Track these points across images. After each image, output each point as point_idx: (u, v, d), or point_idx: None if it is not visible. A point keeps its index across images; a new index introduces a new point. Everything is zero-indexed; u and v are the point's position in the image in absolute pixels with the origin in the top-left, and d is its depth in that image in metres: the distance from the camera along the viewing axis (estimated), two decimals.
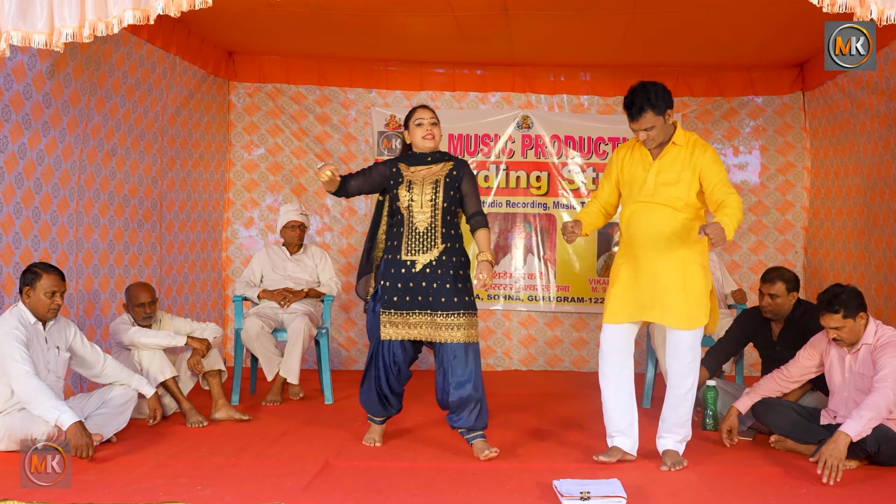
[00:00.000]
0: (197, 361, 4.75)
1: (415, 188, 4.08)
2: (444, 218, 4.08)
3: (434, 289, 4.01)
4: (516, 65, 6.88)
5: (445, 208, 4.08)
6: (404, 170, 4.15)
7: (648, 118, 3.80)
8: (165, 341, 4.69)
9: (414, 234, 4.06)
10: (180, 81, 6.12)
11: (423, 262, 4.04)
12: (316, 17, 5.56)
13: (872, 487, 3.60)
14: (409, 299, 4.04)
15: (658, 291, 3.85)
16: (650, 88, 3.83)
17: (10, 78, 4.33)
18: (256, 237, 7.02)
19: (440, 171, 4.12)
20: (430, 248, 4.04)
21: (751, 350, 5.27)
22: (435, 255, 4.04)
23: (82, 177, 5.04)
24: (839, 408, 4.09)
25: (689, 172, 3.84)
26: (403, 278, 4.04)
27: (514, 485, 3.55)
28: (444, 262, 4.04)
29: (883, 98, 5.42)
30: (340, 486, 3.51)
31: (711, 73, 6.86)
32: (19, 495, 3.24)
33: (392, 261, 4.09)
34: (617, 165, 4.06)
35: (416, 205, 4.06)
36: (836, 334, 3.99)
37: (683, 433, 3.97)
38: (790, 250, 6.89)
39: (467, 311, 4.04)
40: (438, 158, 4.16)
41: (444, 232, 4.07)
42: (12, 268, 4.40)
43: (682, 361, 3.89)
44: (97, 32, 3.60)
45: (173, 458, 3.93)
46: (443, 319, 3.99)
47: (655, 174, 3.87)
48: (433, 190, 4.07)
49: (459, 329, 4.00)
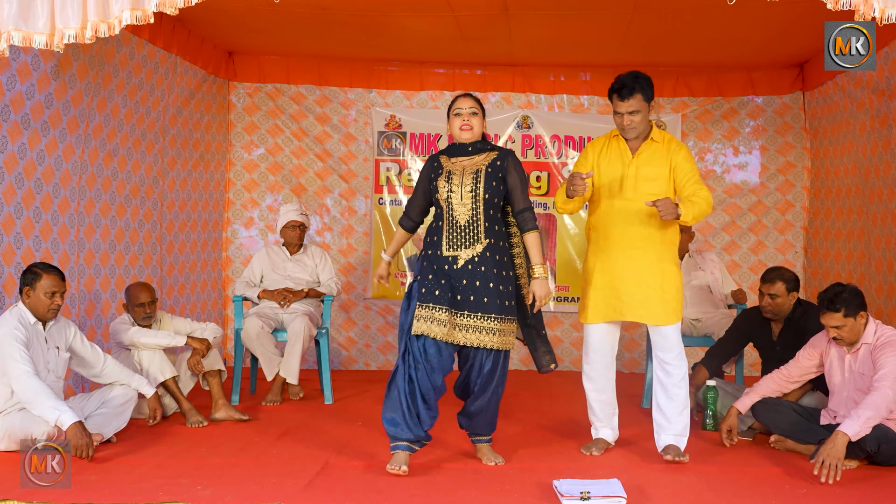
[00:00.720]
0: (197, 361, 4.75)
1: (454, 179, 3.81)
2: (487, 211, 3.79)
3: (476, 287, 3.73)
4: (516, 65, 6.88)
5: (487, 200, 3.78)
6: (445, 161, 3.91)
7: (637, 100, 3.87)
8: (165, 341, 4.69)
9: (455, 227, 3.79)
10: (181, 82, 6.13)
11: (465, 257, 3.76)
12: (316, 17, 5.56)
13: (872, 487, 3.60)
14: (450, 296, 3.72)
15: (639, 292, 3.92)
16: (641, 75, 3.92)
17: (13, 78, 4.34)
18: (256, 237, 7.02)
19: (482, 161, 3.85)
20: (474, 242, 3.77)
21: (751, 350, 5.27)
22: (478, 251, 3.76)
23: (83, 177, 5.04)
24: (839, 407, 4.09)
25: (667, 169, 3.92)
26: (445, 274, 3.76)
27: (514, 485, 3.55)
28: (487, 260, 3.76)
29: (883, 98, 5.42)
30: (340, 486, 3.51)
31: (711, 73, 6.86)
32: (19, 495, 3.24)
33: (432, 256, 3.81)
34: (593, 158, 4.05)
35: (455, 196, 3.79)
36: (836, 333, 3.99)
37: (682, 425, 3.99)
38: (790, 250, 6.89)
39: (506, 316, 3.77)
40: (480, 149, 3.88)
41: (487, 226, 3.78)
42: (13, 268, 4.40)
43: (671, 352, 3.99)
44: (99, 34, 3.61)
45: (173, 458, 3.93)
46: (480, 322, 3.72)
47: (636, 169, 3.92)
48: (473, 181, 3.79)
49: (495, 334, 3.73)
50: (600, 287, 4.00)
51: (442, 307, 3.69)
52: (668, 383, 4.00)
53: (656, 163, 3.92)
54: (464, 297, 3.74)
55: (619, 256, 3.94)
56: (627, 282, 3.93)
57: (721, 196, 6.94)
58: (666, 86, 6.90)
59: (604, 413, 4.19)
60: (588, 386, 4.21)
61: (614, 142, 4.03)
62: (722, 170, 6.98)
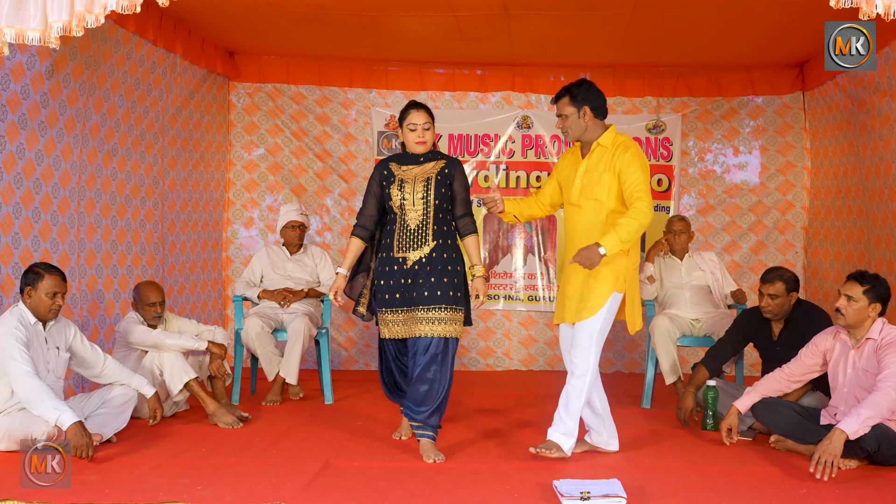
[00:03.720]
0: (219, 365, 4.82)
1: (406, 187, 4.09)
2: (437, 215, 4.09)
3: (423, 284, 4.02)
4: (516, 65, 6.88)
5: (437, 206, 4.09)
6: (395, 169, 4.16)
7: (563, 104, 3.99)
8: (189, 344, 4.72)
9: (405, 231, 4.08)
10: (181, 81, 6.12)
11: (413, 258, 4.05)
12: (316, 17, 5.56)
13: (872, 487, 3.60)
14: (398, 296, 4.06)
15: (577, 293, 3.96)
16: (582, 83, 4.00)
17: (7, 78, 4.33)
18: (256, 237, 7.02)
19: (432, 169, 4.13)
20: (422, 244, 4.06)
21: (751, 350, 5.27)
22: (426, 252, 4.05)
23: (83, 177, 5.04)
24: (840, 403, 4.09)
25: (609, 174, 3.92)
26: (395, 275, 4.07)
27: (514, 485, 3.55)
28: (434, 259, 4.05)
29: (884, 98, 5.42)
30: (340, 486, 3.51)
31: (711, 73, 6.86)
32: (19, 495, 3.24)
33: (385, 258, 4.12)
34: (559, 165, 4.22)
35: (408, 203, 4.08)
36: (843, 304, 3.96)
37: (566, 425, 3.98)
38: (790, 250, 6.89)
39: (450, 305, 4.02)
40: (430, 157, 4.17)
41: (435, 229, 4.08)
42: (11, 268, 4.40)
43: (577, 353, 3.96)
44: (87, 24, 3.57)
45: (173, 458, 3.93)
46: (429, 314, 3.99)
47: (582, 174, 3.99)
48: (425, 188, 4.08)
49: (441, 323, 3.99)
50: (562, 290, 4.14)
51: (399, 309, 4.08)
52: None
53: (599, 168, 3.94)
54: (413, 293, 4.03)
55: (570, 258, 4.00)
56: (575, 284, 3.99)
57: (721, 196, 6.94)
58: (666, 86, 6.90)
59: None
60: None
61: (576, 145, 4.15)
62: (722, 170, 6.98)
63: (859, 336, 4.01)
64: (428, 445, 3.98)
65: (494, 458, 4.03)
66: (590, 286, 3.91)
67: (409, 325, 4.06)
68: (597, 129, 4.00)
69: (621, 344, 6.94)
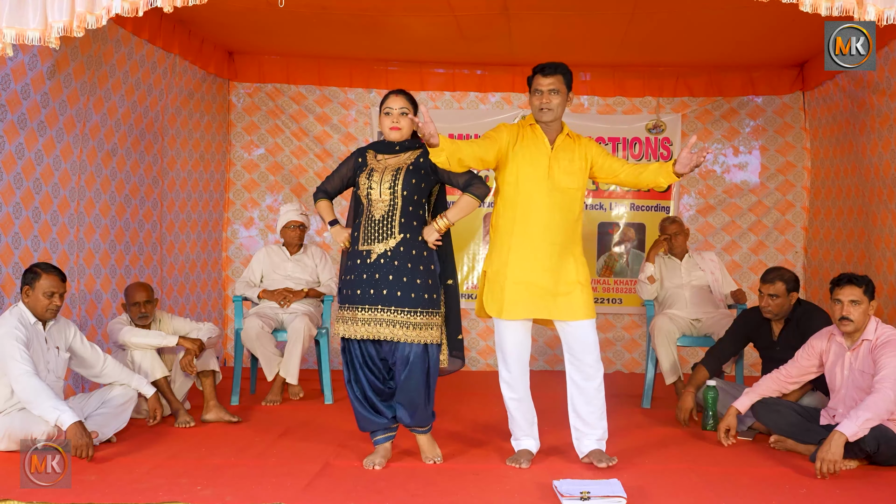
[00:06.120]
0: (189, 362, 4.67)
1: (374, 176, 3.80)
2: (406, 207, 3.77)
3: (390, 281, 3.71)
4: (516, 65, 6.87)
5: (406, 197, 3.77)
6: (370, 158, 3.90)
7: (558, 80, 3.83)
8: (156, 341, 4.65)
9: (370, 222, 3.79)
10: (180, 81, 6.13)
11: (378, 251, 3.75)
12: (316, 17, 5.56)
13: (872, 487, 3.60)
14: (360, 293, 3.75)
15: (563, 286, 3.80)
16: (566, 65, 3.92)
17: (7, 78, 4.33)
18: (256, 237, 7.02)
19: (407, 158, 3.84)
20: (387, 237, 3.75)
21: (751, 350, 5.27)
22: (391, 246, 3.74)
23: (83, 177, 5.04)
24: (839, 405, 4.09)
25: (581, 162, 3.86)
26: (359, 269, 3.78)
27: (514, 485, 3.56)
28: (401, 254, 3.74)
29: (883, 98, 5.42)
30: (340, 486, 3.51)
31: (711, 73, 6.86)
32: (19, 495, 3.24)
33: (352, 252, 3.85)
34: (509, 136, 3.85)
35: (374, 192, 3.78)
36: (850, 310, 3.94)
37: (603, 429, 3.90)
38: (790, 250, 6.89)
39: (424, 309, 3.73)
40: (407, 147, 3.88)
41: (402, 222, 3.77)
42: (11, 268, 4.40)
43: (594, 354, 3.85)
44: (87, 25, 3.57)
45: (173, 458, 3.93)
46: (395, 316, 3.70)
47: (556, 161, 3.81)
48: (393, 178, 3.77)
49: (410, 328, 3.70)
50: (519, 281, 3.80)
51: (363, 306, 3.74)
52: (587, 388, 3.85)
53: (574, 157, 3.84)
54: (377, 291, 3.73)
55: (541, 248, 3.78)
56: (552, 276, 3.78)
57: (721, 196, 6.94)
58: (666, 86, 6.90)
59: (525, 422, 3.99)
60: (508, 394, 4.00)
61: (529, 130, 3.87)
62: (722, 170, 6.98)
63: (856, 337, 4.02)
64: (426, 442, 3.93)
65: (494, 458, 4.02)
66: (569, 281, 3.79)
67: (374, 327, 3.72)
68: (562, 115, 3.90)
69: (621, 344, 6.95)
